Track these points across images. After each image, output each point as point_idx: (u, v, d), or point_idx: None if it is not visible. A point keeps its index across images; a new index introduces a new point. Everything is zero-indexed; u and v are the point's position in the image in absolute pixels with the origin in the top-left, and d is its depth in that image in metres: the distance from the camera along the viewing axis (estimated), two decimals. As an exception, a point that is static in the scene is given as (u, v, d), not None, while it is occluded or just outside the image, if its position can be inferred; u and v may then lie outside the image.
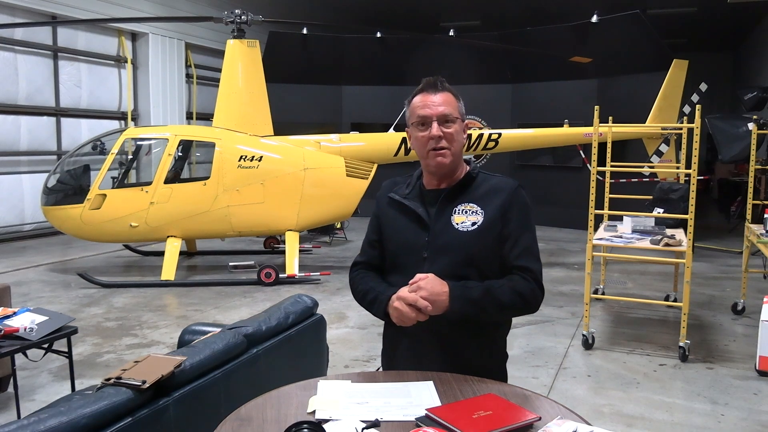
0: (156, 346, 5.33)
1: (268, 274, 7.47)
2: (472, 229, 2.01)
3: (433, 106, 2.06)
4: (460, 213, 2.05)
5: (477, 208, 2.04)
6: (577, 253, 9.54)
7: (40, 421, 1.83)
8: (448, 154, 2.05)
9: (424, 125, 2.06)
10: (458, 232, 2.02)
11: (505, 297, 1.96)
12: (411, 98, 2.13)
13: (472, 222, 2.02)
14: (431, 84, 2.10)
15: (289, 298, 3.28)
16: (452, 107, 2.08)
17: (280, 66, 12.08)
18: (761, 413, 4.09)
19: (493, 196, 2.06)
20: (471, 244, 2.01)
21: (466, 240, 2.01)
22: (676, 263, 6.33)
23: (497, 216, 2.03)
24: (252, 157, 7.72)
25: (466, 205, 2.05)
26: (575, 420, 1.60)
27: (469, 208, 2.05)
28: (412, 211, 2.10)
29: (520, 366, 4.89)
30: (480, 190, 2.08)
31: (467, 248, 2.01)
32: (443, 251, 2.02)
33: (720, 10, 14.05)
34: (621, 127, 6.79)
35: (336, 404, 1.69)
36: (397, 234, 2.13)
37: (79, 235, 7.93)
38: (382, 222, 2.19)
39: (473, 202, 2.06)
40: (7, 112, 10.37)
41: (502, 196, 2.05)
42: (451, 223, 2.04)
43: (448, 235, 2.03)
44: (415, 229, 2.08)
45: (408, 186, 2.18)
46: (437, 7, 15.93)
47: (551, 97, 12.19)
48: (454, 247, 2.02)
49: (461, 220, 2.03)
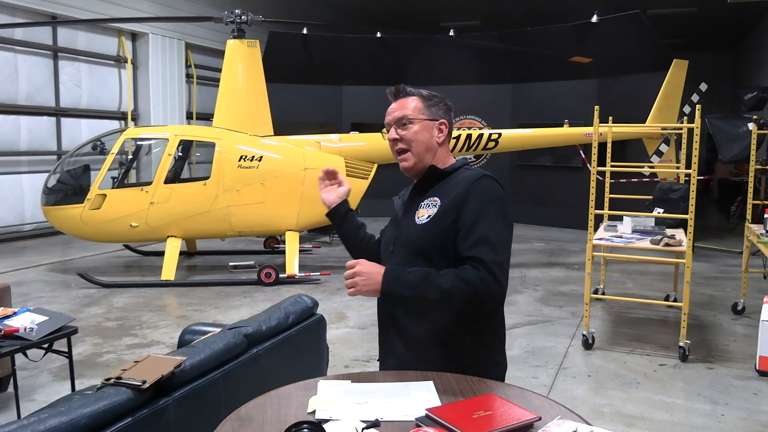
0: (156, 346, 5.33)
1: (268, 274, 7.47)
2: (425, 222, 2.02)
3: (391, 113, 2.17)
4: (423, 207, 2.07)
5: (438, 201, 2.04)
6: (577, 253, 9.54)
7: (40, 421, 1.83)
8: (409, 157, 2.11)
9: (387, 132, 2.18)
10: (416, 225, 2.05)
11: (447, 283, 1.88)
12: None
13: (428, 215, 2.03)
14: (392, 93, 2.22)
15: (289, 298, 3.28)
16: (409, 109, 2.13)
17: (280, 66, 12.08)
18: (761, 413, 4.09)
19: (454, 188, 2.03)
20: (422, 236, 2.02)
21: (419, 232, 2.03)
22: (676, 263, 6.33)
23: (451, 206, 1.99)
24: (252, 157, 7.72)
25: (430, 199, 2.07)
26: (575, 420, 1.60)
27: (432, 201, 2.06)
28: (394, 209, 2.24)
29: (520, 366, 4.89)
30: (447, 185, 2.07)
31: (419, 240, 2.03)
32: (402, 245, 2.08)
33: (720, 10, 14.05)
34: (621, 127, 6.79)
35: (336, 404, 1.69)
36: (384, 232, 2.26)
37: (79, 235, 7.93)
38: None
39: (437, 195, 2.06)
40: (7, 112, 10.37)
41: (460, 187, 2.01)
42: (414, 217, 2.07)
43: (409, 229, 2.07)
44: (392, 226, 2.20)
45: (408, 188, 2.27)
46: (437, 7, 15.92)
47: (551, 97, 12.19)
48: (410, 240, 2.06)
49: (422, 214, 2.05)
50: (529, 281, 7.77)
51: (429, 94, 2.18)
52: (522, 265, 8.75)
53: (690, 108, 8.55)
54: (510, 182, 12.92)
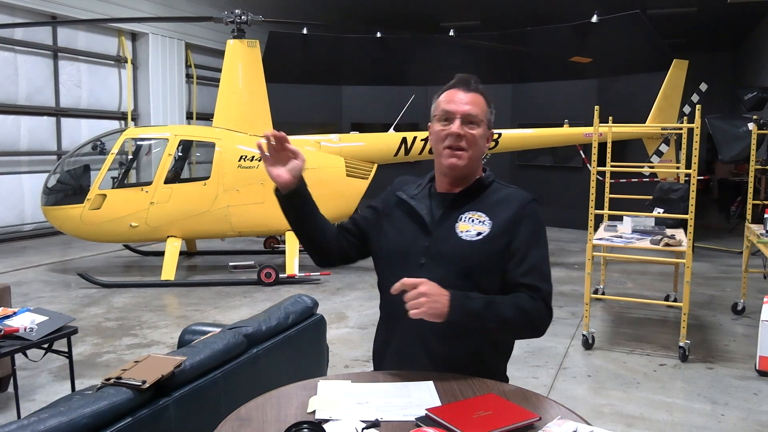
0: (156, 346, 5.33)
1: (268, 274, 7.47)
2: (476, 239, 1.90)
3: (460, 103, 1.94)
4: (465, 221, 1.93)
5: (485, 218, 1.93)
6: (577, 253, 9.54)
7: (40, 421, 1.83)
8: (464, 156, 1.93)
9: (446, 120, 1.94)
10: (461, 240, 1.91)
11: (508, 312, 1.83)
12: (439, 93, 2.01)
13: (478, 232, 1.91)
14: (463, 81, 1.98)
15: (289, 298, 3.28)
16: (480, 109, 1.96)
17: (280, 66, 12.07)
18: (761, 413, 4.09)
19: (504, 207, 1.94)
20: (472, 256, 1.89)
21: (467, 250, 1.89)
22: (676, 263, 6.32)
23: (505, 229, 1.91)
24: (252, 157, 7.72)
25: (473, 213, 1.94)
26: (575, 420, 1.60)
27: (477, 216, 1.93)
28: (416, 212, 1.99)
29: (520, 366, 4.89)
30: (491, 199, 1.97)
31: (468, 259, 1.89)
32: (442, 259, 1.91)
33: (720, 10, 14.04)
34: (621, 127, 6.79)
35: (336, 404, 1.69)
36: (397, 235, 2.01)
37: (79, 235, 7.93)
38: (383, 220, 2.08)
39: (482, 211, 1.94)
40: (7, 112, 10.36)
41: (512, 208, 1.94)
42: (455, 230, 1.93)
43: (449, 242, 1.92)
44: (415, 232, 1.97)
45: (418, 186, 2.07)
46: (437, 7, 15.92)
47: (551, 97, 12.18)
48: (454, 256, 1.90)
49: (466, 229, 1.92)
50: (529, 281, 7.76)
51: (487, 94, 2.02)
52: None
53: (690, 108, 8.55)
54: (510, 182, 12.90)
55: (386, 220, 2.07)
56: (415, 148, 8.40)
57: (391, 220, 2.06)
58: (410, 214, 2.01)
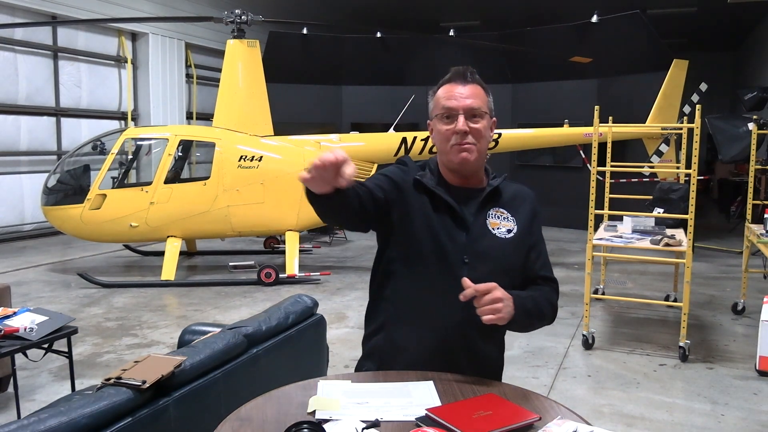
0: (156, 346, 5.33)
1: (268, 274, 7.47)
2: (508, 237, 1.93)
3: (461, 98, 1.88)
4: (494, 217, 1.94)
5: (508, 215, 1.96)
6: (577, 253, 9.53)
7: (40, 421, 1.83)
8: (473, 150, 1.88)
9: (449, 118, 1.89)
10: (497, 238, 1.92)
11: (546, 309, 1.97)
12: (436, 89, 1.96)
13: (507, 229, 1.94)
14: (460, 74, 1.93)
15: (289, 298, 3.28)
16: (481, 101, 1.92)
17: (280, 66, 12.07)
18: (761, 413, 4.09)
19: (520, 204, 1.99)
20: (510, 253, 1.93)
21: (505, 248, 1.92)
22: (676, 263, 6.33)
23: (527, 225, 1.98)
24: (252, 157, 7.72)
25: (497, 210, 1.95)
26: (575, 420, 1.60)
27: (501, 213, 1.95)
28: (447, 204, 1.90)
29: (520, 366, 4.89)
30: (505, 196, 1.98)
31: (507, 257, 1.93)
32: (483, 257, 1.89)
33: (720, 10, 14.05)
34: (621, 127, 6.79)
35: (336, 404, 1.69)
36: (430, 228, 1.88)
37: (79, 235, 7.93)
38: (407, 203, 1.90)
39: (503, 207, 1.96)
40: (7, 112, 10.37)
41: (528, 205, 2.00)
42: (488, 227, 1.92)
43: (487, 240, 1.91)
44: (451, 228, 1.89)
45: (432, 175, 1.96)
46: (437, 7, 15.92)
47: (551, 97, 12.18)
48: (494, 254, 1.91)
49: (496, 225, 1.93)
50: (529, 281, 7.76)
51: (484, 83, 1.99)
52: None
53: (690, 108, 8.54)
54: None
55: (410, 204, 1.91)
56: (415, 148, 8.40)
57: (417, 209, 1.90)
58: (440, 206, 1.90)
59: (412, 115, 9.21)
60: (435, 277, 1.88)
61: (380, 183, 1.92)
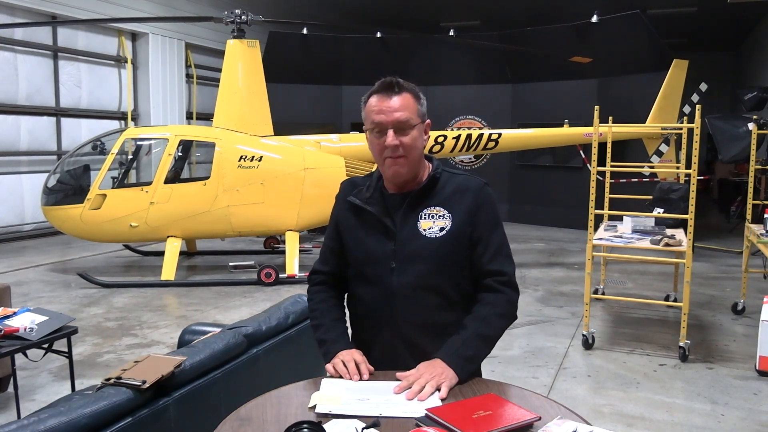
0: (156, 346, 5.33)
1: (268, 274, 7.47)
2: (440, 235, 1.93)
3: (389, 112, 1.90)
4: (426, 218, 1.95)
5: (444, 212, 1.95)
6: (577, 253, 9.53)
7: (40, 421, 1.83)
8: (404, 163, 1.93)
9: (379, 132, 1.92)
10: (426, 238, 1.93)
11: (495, 330, 1.94)
12: (366, 98, 1.97)
13: (440, 227, 1.94)
14: (387, 86, 1.94)
15: (289, 298, 3.28)
16: (410, 111, 1.93)
17: (280, 66, 12.07)
18: (761, 413, 4.09)
19: (460, 198, 1.97)
20: (441, 251, 1.93)
21: (435, 247, 1.92)
22: (676, 263, 6.33)
23: (465, 219, 1.95)
24: (252, 157, 7.72)
25: (432, 209, 1.96)
26: (575, 420, 1.60)
27: (436, 212, 1.96)
28: (374, 217, 1.98)
29: (520, 366, 4.89)
30: (445, 192, 1.98)
31: (437, 256, 1.93)
32: (412, 260, 1.93)
33: (720, 10, 14.05)
34: (621, 127, 6.79)
35: (337, 400, 1.70)
36: (360, 243, 2.02)
37: (79, 235, 7.93)
38: (342, 229, 2.07)
39: (439, 205, 1.96)
40: (7, 112, 10.37)
41: (468, 198, 1.97)
42: (418, 229, 1.94)
43: (416, 242, 1.93)
44: (379, 238, 1.98)
45: (368, 188, 2.04)
46: (437, 7, 15.92)
47: (551, 97, 12.19)
48: (424, 254, 1.93)
49: (428, 226, 1.94)
50: (529, 281, 7.77)
51: (414, 87, 1.99)
52: (522, 265, 8.74)
53: (690, 108, 8.54)
54: (510, 182, 12.93)
55: (346, 230, 2.06)
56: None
57: (350, 229, 2.05)
58: (368, 220, 2.00)
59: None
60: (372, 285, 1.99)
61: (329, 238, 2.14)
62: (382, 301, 1.97)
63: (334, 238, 2.11)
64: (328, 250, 2.15)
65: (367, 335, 2.05)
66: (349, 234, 2.05)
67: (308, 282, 2.22)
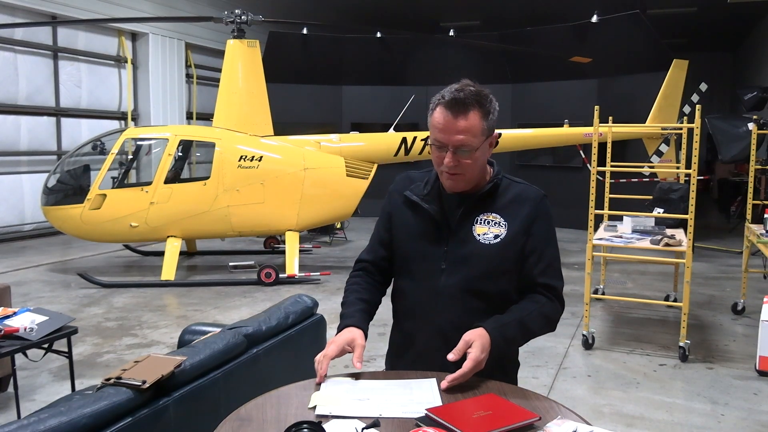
0: (156, 346, 5.33)
1: (268, 274, 7.47)
2: (494, 242, 1.91)
3: (452, 133, 1.84)
4: (482, 223, 1.93)
5: (500, 220, 1.94)
6: (577, 253, 9.54)
7: (40, 421, 1.83)
8: (460, 180, 1.91)
9: (440, 148, 1.88)
10: (480, 244, 1.91)
11: (535, 325, 2.00)
12: (433, 106, 1.90)
13: (495, 234, 1.92)
14: (454, 104, 1.84)
15: (289, 298, 3.28)
16: (473, 133, 1.85)
17: (280, 66, 12.08)
18: (761, 413, 4.09)
19: (518, 207, 1.95)
20: (492, 258, 1.91)
21: (487, 253, 1.91)
22: (676, 263, 6.33)
23: (521, 229, 1.93)
24: (252, 157, 7.72)
25: (488, 215, 1.94)
26: (575, 420, 1.60)
27: (492, 218, 1.94)
28: (430, 215, 1.96)
29: (520, 366, 4.87)
30: (503, 199, 1.96)
31: (488, 262, 1.92)
32: (462, 263, 1.93)
33: (720, 10, 14.05)
34: (621, 127, 6.79)
35: (337, 400, 1.69)
36: (412, 239, 1.99)
37: (79, 235, 7.93)
38: (395, 222, 2.05)
39: (496, 212, 1.94)
40: (7, 112, 10.37)
41: (526, 208, 1.95)
42: (473, 233, 1.92)
43: (469, 246, 1.92)
44: (432, 236, 1.96)
45: (426, 185, 2.01)
46: (437, 7, 15.92)
47: (551, 97, 12.19)
48: (475, 260, 1.92)
49: (483, 231, 1.92)
50: (529, 281, 7.76)
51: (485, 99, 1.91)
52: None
53: (690, 108, 8.55)
54: (510, 182, 12.92)
55: (399, 223, 2.04)
56: (415, 148, 8.39)
57: (403, 223, 2.03)
58: (423, 217, 1.98)
59: (412, 115, 9.22)
60: (419, 282, 1.99)
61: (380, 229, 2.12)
62: (426, 300, 1.96)
63: (386, 229, 2.08)
64: (377, 241, 2.12)
65: (408, 330, 2.04)
66: (402, 229, 2.03)
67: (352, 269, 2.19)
